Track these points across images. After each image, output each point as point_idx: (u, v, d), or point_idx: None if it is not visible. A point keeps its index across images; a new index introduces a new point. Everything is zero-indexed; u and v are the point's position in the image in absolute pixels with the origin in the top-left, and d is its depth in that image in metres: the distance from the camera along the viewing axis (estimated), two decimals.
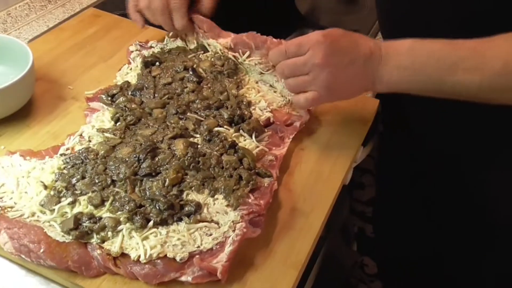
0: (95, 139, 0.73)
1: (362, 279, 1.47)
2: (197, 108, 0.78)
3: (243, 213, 0.65)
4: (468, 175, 0.88)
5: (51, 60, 0.92)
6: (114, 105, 0.79)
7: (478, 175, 0.87)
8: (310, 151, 0.79)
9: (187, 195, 0.66)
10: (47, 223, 0.62)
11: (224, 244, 0.62)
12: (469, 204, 0.90)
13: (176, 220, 0.63)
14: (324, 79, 0.71)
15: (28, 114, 0.80)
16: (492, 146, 0.83)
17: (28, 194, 0.65)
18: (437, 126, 0.89)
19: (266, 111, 0.80)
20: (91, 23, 1.02)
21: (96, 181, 0.66)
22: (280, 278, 0.62)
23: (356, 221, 1.35)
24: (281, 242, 0.66)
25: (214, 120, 0.76)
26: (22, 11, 1.07)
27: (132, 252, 0.60)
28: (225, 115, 0.77)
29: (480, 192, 0.88)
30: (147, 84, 0.82)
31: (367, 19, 1.17)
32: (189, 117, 0.77)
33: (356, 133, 0.84)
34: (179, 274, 0.59)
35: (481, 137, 0.82)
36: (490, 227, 0.90)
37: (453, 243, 0.98)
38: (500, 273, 0.93)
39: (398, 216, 1.12)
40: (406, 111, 0.95)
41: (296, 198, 0.72)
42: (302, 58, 0.72)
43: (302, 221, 0.69)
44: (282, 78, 0.78)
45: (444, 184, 0.94)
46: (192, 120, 0.76)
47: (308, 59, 0.71)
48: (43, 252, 0.59)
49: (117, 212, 0.63)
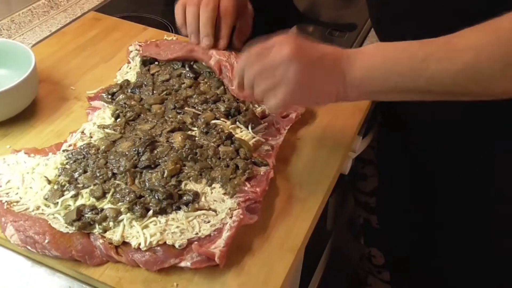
0: (96, 135, 0.75)
1: (370, 270, 1.48)
2: (195, 102, 0.81)
3: (240, 200, 0.67)
4: (468, 163, 0.89)
5: (53, 63, 0.94)
6: (114, 102, 0.82)
7: (480, 162, 0.88)
8: (306, 140, 0.81)
9: (185, 185, 0.68)
10: (51, 216, 0.65)
11: (221, 230, 0.64)
12: (469, 192, 0.91)
13: (175, 209, 0.65)
14: (293, 72, 0.65)
15: (32, 115, 0.83)
16: (496, 134, 0.83)
17: (33, 189, 0.68)
18: (434, 117, 0.90)
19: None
20: (92, 26, 1.05)
21: (97, 175, 0.68)
22: (277, 262, 0.64)
23: (361, 212, 1.36)
24: (278, 228, 0.68)
25: (211, 113, 0.79)
26: (25, 17, 1.10)
27: (133, 240, 0.62)
28: (221, 108, 0.79)
29: (480, 180, 0.89)
30: (146, 82, 0.85)
31: (363, 12, 1.18)
32: (186, 111, 0.79)
33: (351, 122, 0.85)
34: (179, 260, 0.61)
35: (480, 124, 0.83)
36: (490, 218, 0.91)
37: (456, 231, 0.99)
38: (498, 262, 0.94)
39: (400, 206, 1.13)
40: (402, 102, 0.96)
41: (292, 185, 0.74)
42: (268, 58, 0.67)
43: (298, 207, 0.71)
44: (251, 89, 0.71)
45: (444, 172, 0.95)
46: (189, 114, 0.78)
47: (274, 55, 0.66)
48: (48, 242, 0.61)
49: (118, 203, 0.65)
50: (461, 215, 0.95)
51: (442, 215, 0.99)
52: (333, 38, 1.10)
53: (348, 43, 1.07)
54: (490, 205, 0.90)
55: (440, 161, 0.94)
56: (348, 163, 1.00)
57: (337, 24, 1.14)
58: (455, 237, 0.99)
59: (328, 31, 1.12)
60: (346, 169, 1.00)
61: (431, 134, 0.92)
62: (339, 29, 1.12)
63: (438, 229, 1.02)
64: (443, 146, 0.91)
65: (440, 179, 0.96)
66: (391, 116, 1.05)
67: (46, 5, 1.14)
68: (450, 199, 0.96)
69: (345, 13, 1.20)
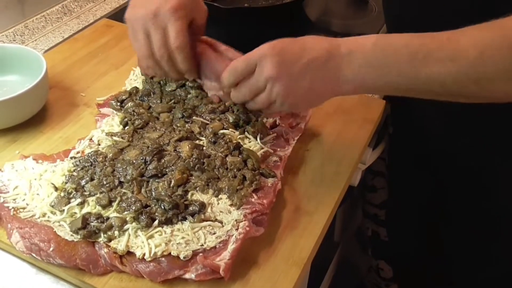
0: (104, 142, 0.75)
1: (378, 283, 1.46)
2: (202, 112, 0.80)
3: (246, 212, 0.66)
4: (480, 176, 0.88)
5: (65, 69, 0.95)
6: (123, 110, 0.81)
7: (490, 176, 0.87)
8: (315, 152, 0.80)
9: (192, 195, 0.68)
10: (57, 223, 0.64)
11: (227, 242, 0.63)
12: (483, 205, 0.90)
13: (181, 220, 0.65)
14: (280, 92, 0.66)
15: (41, 121, 0.83)
16: (505, 148, 0.82)
17: (40, 195, 0.67)
18: (447, 128, 0.89)
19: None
20: (103, 33, 1.05)
21: (104, 183, 0.68)
22: (283, 276, 0.63)
23: (370, 225, 1.35)
24: (285, 241, 0.67)
25: (219, 123, 0.78)
26: (38, 23, 1.11)
27: (138, 250, 0.62)
28: (230, 119, 0.79)
29: (492, 194, 0.88)
30: (154, 90, 0.85)
31: (375, 23, 1.18)
32: (194, 121, 0.79)
33: (362, 134, 0.84)
34: (183, 271, 0.61)
35: (493, 138, 0.82)
36: (504, 230, 0.90)
37: (465, 245, 0.97)
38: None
39: (410, 219, 1.12)
40: (415, 113, 0.95)
41: (300, 198, 0.73)
42: (252, 76, 0.68)
43: (306, 220, 0.70)
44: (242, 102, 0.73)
45: (456, 185, 0.94)
46: (197, 123, 0.78)
47: (258, 76, 0.67)
48: (53, 250, 0.61)
49: (124, 212, 0.65)
50: (471, 229, 0.94)
51: (452, 229, 0.98)
52: None
53: None
54: (500, 219, 0.89)
55: (453, 174, 0.93)
56: (357, 175, 0.99)
57: (348, 34, 1.12)
58: (465, 251, 0.98)
59: None
60: (356, 181, 0.99)
61: (445, 147, 0.91)
62: None
63: (448, 243, 1.00)
64: (457, 160, 0.90)
65: (452, 193, 0.95)
66: (404, 127, 1.04)
67: (60, 11, 1.15)
68: (461, 213, 0.95)
69: (356, 24, 1.20)
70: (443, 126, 0.90)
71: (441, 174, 0.96)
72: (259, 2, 1.23)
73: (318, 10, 1.26)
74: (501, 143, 0.82)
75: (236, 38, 1.10)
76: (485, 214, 0.90)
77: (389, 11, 0.92)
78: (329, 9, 1.26)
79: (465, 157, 0.88)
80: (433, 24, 0.78)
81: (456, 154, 0.90)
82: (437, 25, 0.78)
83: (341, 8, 1.27)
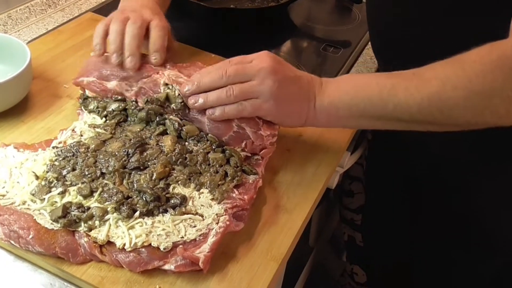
0: (87, 134, 0.75)
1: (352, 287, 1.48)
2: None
3: (227, 206, 0.67)
4: (455, 183, 0.90)
5: (48, 60, 0.94)
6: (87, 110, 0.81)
7: (465, 183, 0.89)
8: (295, 152, 0.82)
9: (174, 189, 0.68)
10: (37, 211, 0.64)
11: (207, 235, 0.64)
12: (456, 212, 0.92)
13: (162, 212, 0.65)
14: (270, 84, 0.69)
15: (23, 110, 0.83)
16: (481, 156, 0.85)
17: (20, 183, 0.67)
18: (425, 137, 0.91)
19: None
20: (88, 27, 1.05)
21: (86, 173, 0.68)
22: (261, 270, 0.64)
23: (346, 229, 1.36)
24: (264, 236, 0.68)
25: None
26: (22, 14, 1.10)
27: (118, 240, 0.62)
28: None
29: (467, 201, 0.90)
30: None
31: (359, 30, 1.20)
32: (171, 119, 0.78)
33: (342, 138, 0.86)
34: (163, 262, 0.61)
35: (470, 146, 0.84)
36: (477, 235, 0.92)
37: (440, 251, 0.99)
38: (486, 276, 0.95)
39: (386, 224, 1.14)
40: None
41: (280, 195, 0.74)
42: (247, 64, 0.71)
43: (285, 217, 0.71)
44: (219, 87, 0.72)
45: (432, 191, 0.96)
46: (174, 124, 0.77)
47: (254, 64, 0.70)
48: (32, 238, 0.61)
49: (105, 203, 0.65)
50: (449, 236, 0.96)
51: (429, 236, 1.00)
52: (327, 53, 1.11)
53: (342, 60, 1.09)
54: (477, 225, 0.91)
55: (431, 182, 0.95)
56: (335, 178, 1.01)
57: (332, 40, 1.15)
58: (441, 257, 1.00)
59: (322, 46, 1.13)
60: (333, 184, 1.01)
61: (422, 155, 0.93)
62: (334, 45, 1.14)
63: (424, 249, 1.02)
64: (434, 168, 0.92)
65: (428, 200, 0.97)
66: (382, 134, 1.06)
67: (44, 3, 1.14)
68: (438, 220, 0.97)
69: (340, 30, 1.22)
70: (422, 135, 0.92)
71: (419, 181, 0.98)
72: (245, 4, 1.24)
73: (303, 15, 1.28)
74: (481, 151, 0.84)
75: (219, 39, 1.11)
76: (461, 221, 0.92)
77: (373, 27, 0.94)
78: (314, 15, 1.29)
79: (443, 165, 0.90)
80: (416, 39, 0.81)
81: (433, 163, 0.92)
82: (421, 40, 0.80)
83: (325, 15, 1.30)
